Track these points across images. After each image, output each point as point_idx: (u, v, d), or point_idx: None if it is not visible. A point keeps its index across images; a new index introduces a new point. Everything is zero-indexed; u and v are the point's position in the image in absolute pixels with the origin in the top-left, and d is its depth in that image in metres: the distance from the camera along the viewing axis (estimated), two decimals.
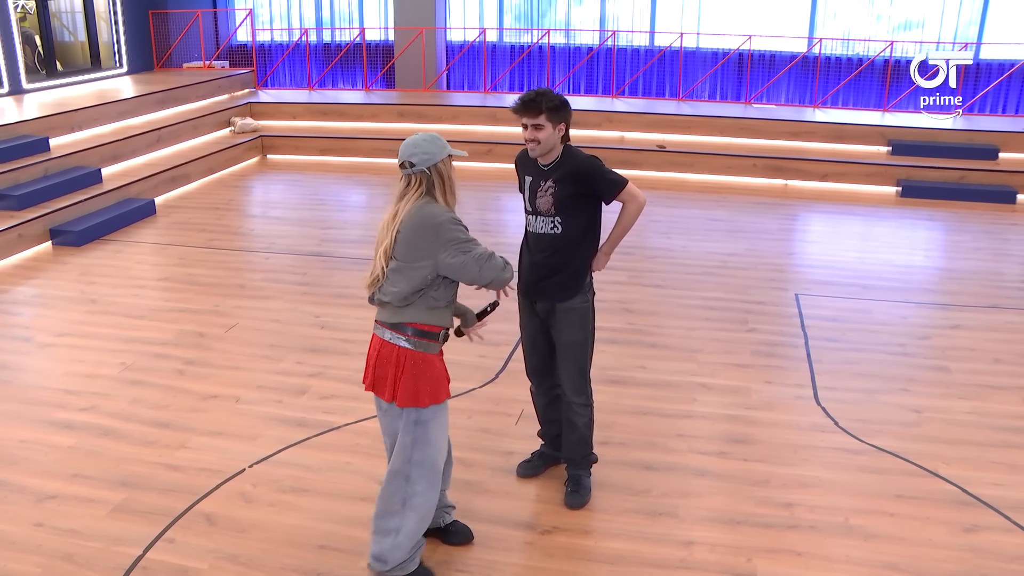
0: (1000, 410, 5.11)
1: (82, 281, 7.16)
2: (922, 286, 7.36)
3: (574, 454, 4.15)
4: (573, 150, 3.85)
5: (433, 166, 3.27)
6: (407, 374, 3.29)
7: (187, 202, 9.73)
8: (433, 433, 3.37)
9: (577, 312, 3.92)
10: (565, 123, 3.76)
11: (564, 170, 3.78)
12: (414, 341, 3.30)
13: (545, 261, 3.87)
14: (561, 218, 3.81)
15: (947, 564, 3.72)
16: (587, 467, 4.21)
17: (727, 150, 11.16)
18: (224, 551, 3.77)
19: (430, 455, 3.38)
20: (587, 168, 3.79)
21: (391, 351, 3.32)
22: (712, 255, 7.96)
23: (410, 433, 3.34)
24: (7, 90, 11.19)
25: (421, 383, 3.30)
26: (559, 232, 3.83)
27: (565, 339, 3.94)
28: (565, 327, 3.92)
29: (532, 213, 3.89)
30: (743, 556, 3.77)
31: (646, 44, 13.84)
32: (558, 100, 3.71)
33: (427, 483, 3.39)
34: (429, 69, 13.92)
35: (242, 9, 14.82)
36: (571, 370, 3.99)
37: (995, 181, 10.32)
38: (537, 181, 3.85)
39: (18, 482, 4.27)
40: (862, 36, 13.12)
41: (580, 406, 4.04)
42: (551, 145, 3.76)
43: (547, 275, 3.88)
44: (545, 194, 3.80)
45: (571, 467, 4.20)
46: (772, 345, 6.00)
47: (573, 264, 3.87)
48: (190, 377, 5.44)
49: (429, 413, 3.35)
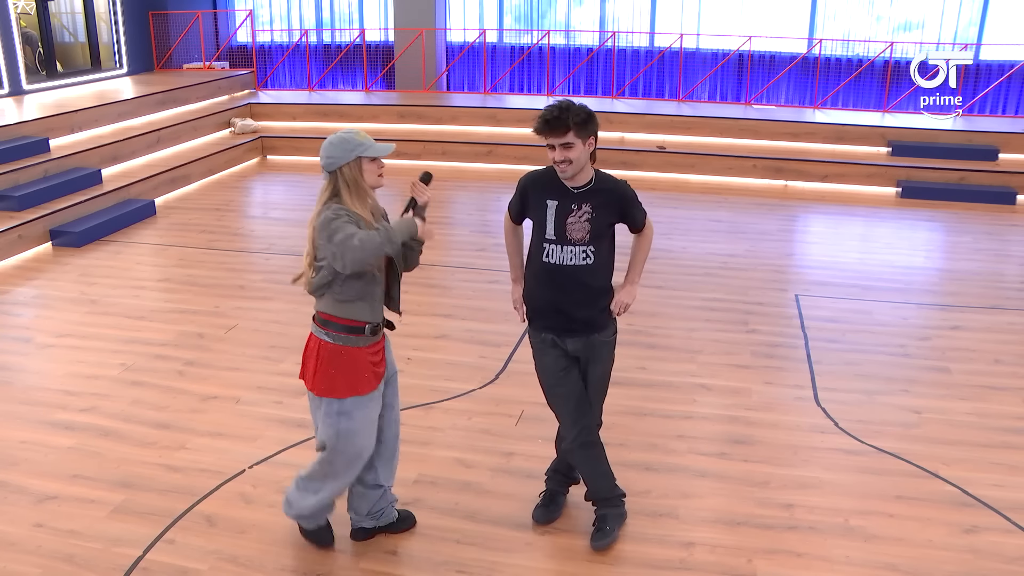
0: (1000, 411, 5.11)
1: (82, 282, 7.16)
2: (922, 287, 7.36)
3: (598, 489, 3.86)
4: (603, 172, 3.56)
5: (338, 169, 3.27)
6: (323, 364, 3.39)
7: (187, 203, 9.73)
8: (357, 425, 3.44)
9: (609, 345, 3.68)
10: (594, 136, 3.40)
11: (604, 195, 3.46)
12: (332, 334, 3.38)
13: (577, 297, 3.52)
14: (594, 247, 3.45)
15: (947, 565, 3.72)
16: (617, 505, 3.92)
17: (727, 151, 11.17)
18: (224, 552, 3.77)
19: (355, 444, 3.47)
20: (629, 194, 3.53)
21: (314, 342, 3.45)
22: (712, 256, 7.96)
23: (333, 425, 3.44)
24: (7, 91, 11.20)
25: (337, 374, 3.38)
26: (591, 263, 3.47)
27: (599, 371, 3.69)
28: (599, 360, 3.67)
29: (557, 243, 3.46)
30: (743, 557, 3.77)
31: (646, 45, 13.84)
32: (584, 112, 3.33)
33: (344, 463, 3.52)
34: (429, 70, 13.92)
35: (242, 10, 14.82)
36: (600, 400, 3.76)
37: (995, 182, 10.32)
38: (567, 206, 3.44)
39: (18, 483, 4.27)
40: (862, 37, 13.12)
41: (595, 426, 3.80)
42: (583, 164, 3.39)
43: (579, 310, 3.54)
44: (580, 220, 3.42)
45: (600, 507, 3.90)
46: (772, 346, 6.00)
47: (606, 295, 3.60)
48: (190, 378, 5.44)
49: (350, 404, 3.42)
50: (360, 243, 3.12)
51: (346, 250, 3.13)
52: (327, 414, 3.44)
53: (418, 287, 7.11)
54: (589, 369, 3.69)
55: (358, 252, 3.13)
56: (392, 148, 3.34)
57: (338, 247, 3.15)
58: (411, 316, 6.46)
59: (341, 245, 3.14)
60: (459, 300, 6.85)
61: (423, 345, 5.92)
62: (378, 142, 3.33)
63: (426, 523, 3.98)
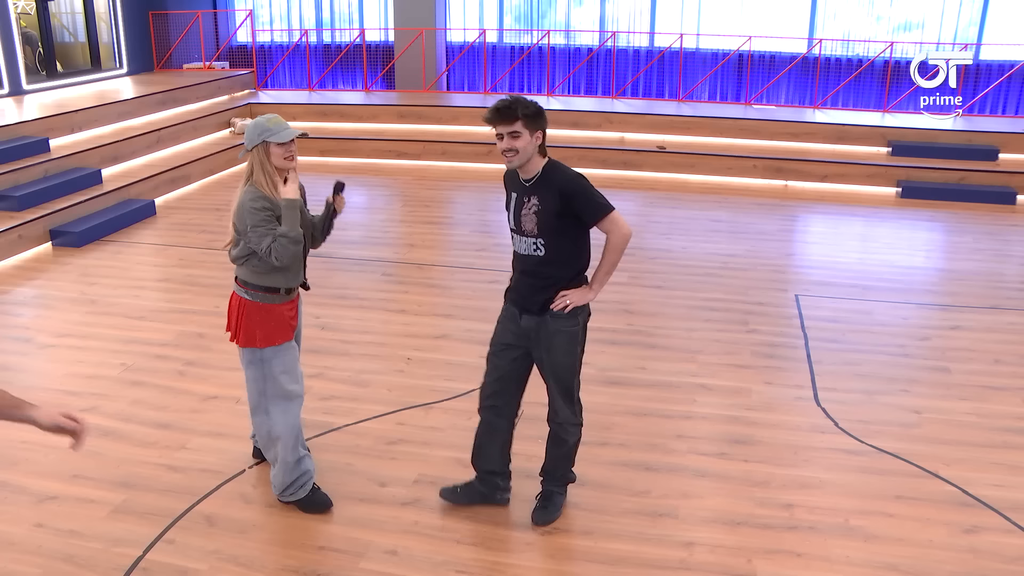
0: (1000, 411, 5.11)
1: (82, 282, 7.16)
2: (922, 287, 7.36)
3: (556, 468, 4.02)
4: (557, 165, 3.65)
5: (251, 151, 3.70)
6: (244, 319, 3.82)
7: (187, 203, 9.74)
8: (277, 369, 3.86)
9: (565, 335, 3.72)
10: (542, 131, 3.57)
11: (548, 187, 3.58)
12: (251, 293, 3.81)
13: (531, 282, 3.71)
14: (544, 240, 3.61)
15: (947, 565, 3.72)
16: (563, 485, 4.09)
17: (727, 151, 11.17)
18: (224, 552, 3.77)
19: (279, 385, 3.88)
20: (573, 186, 3.58)
21: (236, 300, 3.87)
22: (712, 256, 7.96)
23: (258, 369, 3.86)
24: (7, 91, 11.20)
25: (256, 327, 3.80)
26: (542, 255, 3.64)
27: (553, 361, 3.76)
28: (552, 348, 3.74)
29: (516, 232, 3.71)
30: (743, 557, 3.77)
31: (646, 45, 13.84)
32: (534, 106, 3.53)
33: (280, 410, 3.89)
34: (429, 70, 13.92)
35: (242, 10, 14.82)
36: (560, 392, 3.82)
37: (995, 182, 10.33)
38: (521, 198, 3.66)
39: (18, 483, 4.27)
40: (862, 37, 13.12)
41: (572, 425, 3.89)
42: (529, 154, 3.55)
43: (535, 294, 3.71)
44: (529, 212, 3.61)
45: (547, 482, 4.06)
46: (772, 346, 6.00)
47: (559, 288, 3.68)
48: (190, 378, 5.44)
49: (270, 352, 3.84)
50: (276, 254, 3.63)
51: (271, 258, 3.64)
52: (250, 363, 3.87)
53: (419, 287, 7.11)
54: (544, 356, 3.77)
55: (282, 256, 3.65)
56: (296, 133, 3.68)
57: (265, 253, 3.64)
58: (411, 316, 6.48)
59: (267, 252, 3.64)
60: (459, 300, 6.85)
61: (423, 345, 5.93)
62: (288, 128, 3.70)
63: (426, 523, 3.99)
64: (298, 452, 3.97)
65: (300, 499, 4.04)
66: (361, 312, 6.56)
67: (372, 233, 8.84)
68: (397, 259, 7.85)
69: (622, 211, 3.74)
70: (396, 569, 3.68)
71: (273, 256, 3.63)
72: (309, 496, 4.04)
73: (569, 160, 4.00)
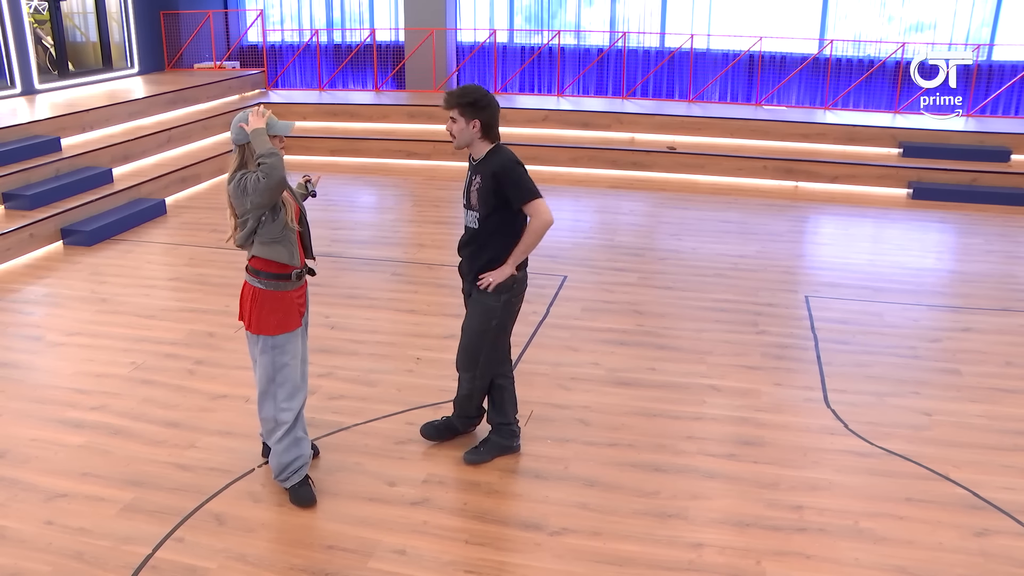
0: (1011, 414, 5.09)
1: (93, 281, 7.19)
2: (933, 289, 7.32)
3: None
4: (501, 149, 4.04)
5: (244, 144, 3.90)
6: (257, 307, 3.94)
7: (197, 202, 9.77)
8: (288, 355, 3.99)
9: (482, 306, 4.16)
10: (479, 120, 3.94)
11: (487, 168, 3.99)
12: (264, 281, 3.92)
13: (468, 251, 4.17)
14: (479, 214, 4.05)
15: (957, 568, 3.70)
16: (502, 436, 4.48)
17: (737, 152, 11.13)
18: (233, 551, 3.78)
19: (287, 374, 4.00)
20: (502, 169, 3.95)
21: (248, 288, 3.99)
22: (722, 257, 7.94)
23: (269, 355, 3.96)
24: (19, 90, 11.25)
25: (268, 315, 3.92)
26: (477, 228, 4.08)
27: (466, 323, 4.27)
28: (469, 314, 4.25)
29: (464, 206, 4.16)
30: (752, 558, 3.76)
31: (656, 45, 13.81)
32: (471, 97, 3.93)
33: (287, 395, 4.02)
34: (439, 70, 13.92)
35: (253, 10, 14.86)
36: (464, 350, 4.28)
37: (1007, 183, 10.27)
38: (470, 176, 4.09)
39: (29, 481, 4.29)
40: (873, 38, 13.06)
41: (467, 379, 4.34)
42: (466, 139, 3.99)
43: (469, 262, 4.17)
44: (473, 189, 4.05)
45: (492, 432, 4.52)
46: (782, 347, 5.98)
47: (485, 261, 4.09)
48: (200, 377, 5.46)
49: (282, 339, 3.97)
50: (264, 171, 3.74)
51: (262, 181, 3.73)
52: (263, 350, 3.97)
53: (428, 287, 7.12)
54: (465, 317, 4.30)
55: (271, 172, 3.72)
56: (292, 126, 3.96)
57: (254, 181, 3.75)
58: (420, 316, 6.48)
59: (256, 180, 3.75)
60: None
61: (432, 345, 5.93)
62: (279, 121, 3.92)
63: (435, 522, 3.99)
64: (296, 433, 4.07)
65: (292, 486, 4.12)
66: (370, 312, 6.56)
67: (382, 233, 8.85)
68: (407, 259, 7.85)
69: (631, 211, 3.77)
70: (404, 568, 3.69)
71: (262, 175, 3.72)
72: (298, 487, 4.11)
73: (579, 161, 4.06)
